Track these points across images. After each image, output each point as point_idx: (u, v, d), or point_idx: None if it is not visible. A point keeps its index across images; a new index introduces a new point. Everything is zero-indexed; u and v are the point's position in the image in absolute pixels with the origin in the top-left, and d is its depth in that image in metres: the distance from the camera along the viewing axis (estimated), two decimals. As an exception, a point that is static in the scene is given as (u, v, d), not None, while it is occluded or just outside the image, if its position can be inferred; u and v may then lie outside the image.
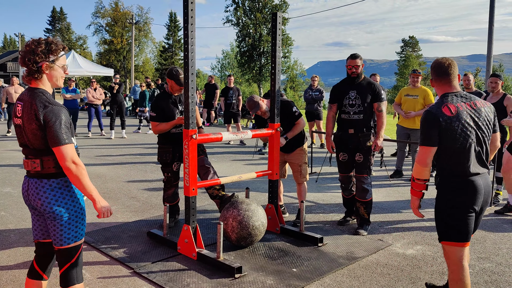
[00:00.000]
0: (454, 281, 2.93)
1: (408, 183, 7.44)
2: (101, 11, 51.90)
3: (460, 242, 2.89)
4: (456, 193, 2.88)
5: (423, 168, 2.91)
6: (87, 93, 13.10)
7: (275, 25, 4.71)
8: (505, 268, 4.02)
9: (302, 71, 51.75)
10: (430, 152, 2.86)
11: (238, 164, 9.14)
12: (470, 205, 2.87)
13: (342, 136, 5.04)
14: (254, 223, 4.25)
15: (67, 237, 2.63)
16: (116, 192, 6.63)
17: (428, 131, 2.84)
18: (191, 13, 3.86)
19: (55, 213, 2.59)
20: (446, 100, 2.89)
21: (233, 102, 11.90)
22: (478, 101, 2.95)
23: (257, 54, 32.39)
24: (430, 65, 3.09)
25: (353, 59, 4.95)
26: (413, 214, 5.64)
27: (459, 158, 2.86)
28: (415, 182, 3.00)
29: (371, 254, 4.30)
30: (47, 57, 2.59)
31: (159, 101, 4.84)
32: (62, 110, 2.55)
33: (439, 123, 2.81)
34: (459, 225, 2.88)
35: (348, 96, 4.96)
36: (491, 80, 6.20)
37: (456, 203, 2.87)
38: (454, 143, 2.83)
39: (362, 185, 4.96)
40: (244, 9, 32.12)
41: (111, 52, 51.49)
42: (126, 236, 4.72)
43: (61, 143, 2.48)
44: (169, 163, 4.92)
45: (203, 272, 3.83)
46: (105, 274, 3.80)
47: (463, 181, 2.87)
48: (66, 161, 2.47)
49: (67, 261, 2.68)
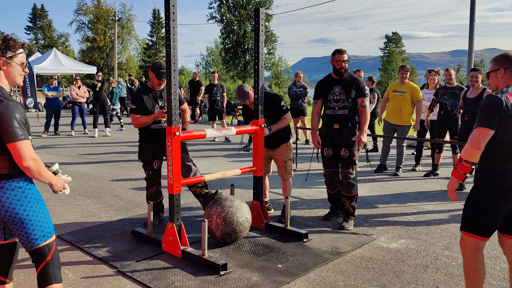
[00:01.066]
0: (470, 270, 2.93)
1: (392, 178, 7.50)
2: (83, 8, 51.22)
3: (482, 237, 2.88)
4: (496, 189, 2.81)
5: (475, 150, 2.75)
6: (71, 91, 12.94)
7: (258, 21, 4.70)
8: (487, 260, 4.06)
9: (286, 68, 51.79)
10: (486, 135, 2.72)
11: (223, 161, 9.11)
12: (506, 207, 2.82)
13: (327, 132, 5.05)
14: (238, 219, 4.24)
15: (35, 238, 2.55)
16: (99, 191, 6.56)
17: (489, 114, 2.72)
18: (172, 9, 3.82)
19: (12, 216, 2.49)
20: (510, 90, 2.82)
21: (218, 99, 11.85)
22: None
23: (241, 51, 32.36)
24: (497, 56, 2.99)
25: (341, 54, 4.97)
26: (397, 208, 5.69)
27: (509, 151, 2.77)
28: (462, 163, 2.85)
29: (356, 249, 4.33)
30: (4, 53, 2.52)
31: (139, 94, 4.79)
32: (17, 106, 2.46)
33: (502, 108, 2.71)
34: (487, 223, 2.84)
35: (333, 92, 4.97)
36: (471, 74, 6.28)
37: (492, 203, 2.81)
38: (508, 132, 2.74)
39: (348, 180, 4.97)
40: (228, 5, 32.04)
41: (94, 49, 50.88)
42: (109, 235, 4.67)
43: (17, 138, 2.38)
44: (149, 161, 4.87)
45: (188, 270, 3.80)
46: (88, 274, 3.76)
47: (505, 180, 2.78)
48: (25, 158, 2.38)
49: (42, 260, 2.62)
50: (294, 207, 5.70)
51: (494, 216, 2.83)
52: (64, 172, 3.01)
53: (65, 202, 5.95)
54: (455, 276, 3.73)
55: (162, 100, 4.86)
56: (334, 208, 5.30)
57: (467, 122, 6.47)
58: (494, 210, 2.82)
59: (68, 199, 6.09)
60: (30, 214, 2.53)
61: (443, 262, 4.02)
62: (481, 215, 2.85)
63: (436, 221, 5.21)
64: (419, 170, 8.14)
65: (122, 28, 51.10)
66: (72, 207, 5.72)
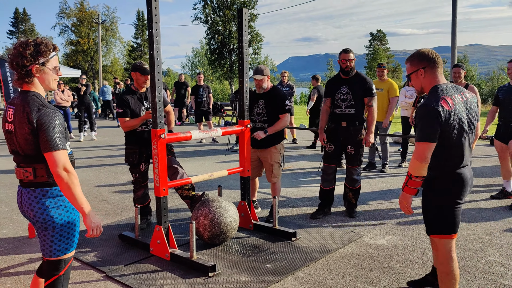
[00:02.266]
0: (444, 273, 2.91)
1: (378, 175, 7.56)
2: (66, 11, 50.68)
3: (449, 234, 2.87)
4: (446, 187, 2.82)
5: (422, 165, 2.72)
6: (55, 95, 12.77)
7: (241, 22, 4.70)
8: (472, 253, 4.13)
9: (273, 67, 51.82)
10: (430, 147, 2.70)
11: (210, 162, 9.10)
12: (459, 197, 2.83)
13: (333, 128, 5.21)
14: (226, 219, 4.25)
15: (57, 248, 2.52)
16: (86, 195, 6.50)
17: (430, 127, 2.67)
18: (155, 11, 3.81)
19: (46, 224, 2.46)
20: (442, 93, 2.73)
21: (204, 100, 11.83)
22: (466, 91, 2.88)
23: (227, 51, 32.27)
24: (412, 56, 2.90)
25: (346, 53, 5.12)
26: (384, 205, 5.74)
27: (454, 152, 2.77)
28: (413, 179, 2.80)
29: (344, 246, 4.36)
30: (36, 60, 2.45)
31: (124, 97, 4.76)
32: (56, 114, 2.42)
33: (440, 118, 2.65)
34: (448, 218, 2.84)
35: (340, 91, 5.12)
36: (454, 70, 6.36)
37: (446, 196, 2.83)
38: (451, 138, 2.72)
39: (352, 176, 5.23)
40: (212, 6, 31.93)
41: (78, 53, 50.38)
42: (97, 240, 4.64)
43: (54, 148, 2.34)
44: (136, 164, 4.85)
45: (177, 273, 3.80)
46: (76, 279, 3.73)
47: (454, 174, 2.80)
48: (58, 167, 2.32)
49: (54, 273, 2.57)
50: (282, 206, 5.72)
51: (453, 208, 2.83)
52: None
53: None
54: (441, 270, 3.78)
55: (147, 101, 4.84)
56: (323, 206, 5.34)
57: None
58: (452, 201, 2.82)
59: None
60: (63, 224, 2.50)
61: (429, 257, 4.06)
62: (441, 210, 2.84)
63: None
64: (405, 166, 8.22)
65: (106, 30, 50.68)
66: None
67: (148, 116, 4.59)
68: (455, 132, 2.71)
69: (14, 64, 2.43)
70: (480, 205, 5.67)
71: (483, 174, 7.49)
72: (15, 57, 2.43)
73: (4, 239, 4.72)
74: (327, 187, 5.31)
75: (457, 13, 17.09)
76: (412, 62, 2.87)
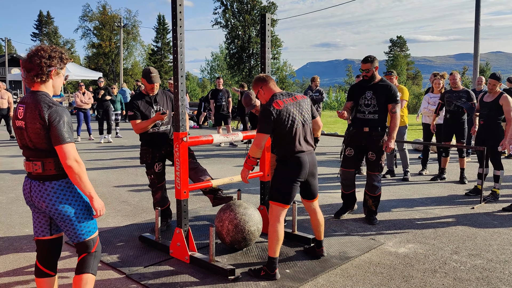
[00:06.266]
0: (271, 232, 3.70)
1: (398, 182, 7.48)
2: (88, 15, 51.62)
3: (283, 204, 3.72)
4: (287, 167, 3.72)
5: (258, 149, 3.68)
6: (75, 97, 12.95)
7: (264, 27, 4.72)
8: (496, 264, 4.05)
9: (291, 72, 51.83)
10: (264, 138, 3.64)
11: (229, 166, 9.12)
12: (296, 177, 3.72)
13: (355, 133, 5.20)
14: (250, 228, 4.23)
15: (81, 233, 2.76)
16: (106, 196, 6.58)
17: (264, 122, 3.62)
18: (179, 15, 3.85)
19: (61, 213, 2.68)
20: (275, 98, 3.72)
21: (223, 104, 11.88)
22: (297, 95, 3.85)
23: (246, 56, 32.41)
24: (253, 83, 3.94)
25: (364, 63, 5.17)
26: (404, 213, 5.68)
27: (289, 140, 3.68)
28: (250, 159, 3.76)
29: (364, 254, 4.31)
30: (59, 64, 2.74)
31: (134, 100, 4.87)
32: (65, 111, 2.66)
33: (272, 115, 3.61)
34: (286, 192, 3.71)
35: (364, 96, 5.12)
36: (489, 81, 6.32)
37: (286, 175, 3.72)
38: (284, 128, 3.65)
39: (373, 182, 5.19)
40: (232, 11, 32.10)
41: (100, 55, 51.20)
42: (117, 241, 4.68)
43: (64, 141, 2.57)
44: (150, 164, 4.90)
45: (196, 275, 3.81)
46: (96, 279, 3.76)
47: (292, 157, 3.70)
48: (69, 159, 2.55)
49: (87, 251, 2.83)
50: (301, 212, 5.70)
51: (291, 185, 3.71)
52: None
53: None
54: (464, 280, 3.72)
55: (157, 104, 4.92)
56: (346, 206, 5.39)
57: (481, 126, 6.45)
58: (290, 179, 3.71)
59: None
60: (78, 212, 2.73)
61: (452, 267, 4.00)
62: (282, 185, 3.71)
63: (444, 225, 5.19)
64: (426, 174, 8.12)
65: (127, 34, 51.41)
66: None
67: (158, 118, 4.69)
68: (287, 125, 3.65)
69: (41, 63, 2.64)
70: (504, 215, 5.56)
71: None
72: (43, 57, 2.66)
73: (26, 237, 4.80)
74: (347, 191, 5.35)
75: (480, 20, 16.85)
76: (254, 86, 3.93)
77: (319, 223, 4.14)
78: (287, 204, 3.73)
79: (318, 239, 4.19)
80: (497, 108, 6.19)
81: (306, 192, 4.02)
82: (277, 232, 3.69)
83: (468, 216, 5.54)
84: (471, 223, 5.27)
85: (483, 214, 5.62)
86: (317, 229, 4.16)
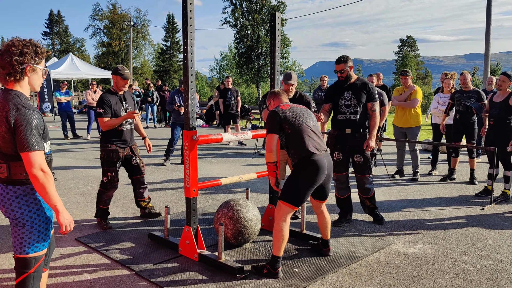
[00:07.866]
0: (276, 230, 3.72)
1: (408, 182, 7.45)
2: (98, 14, 51.88)
3: (293, 206, 3.70)
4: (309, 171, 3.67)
5: (270, 153, 3.75)
6: (86, 95, 13.04)
7: (274, 26, 4.72)
8: (506, 265, 4.02)
9: (300, 72, 51.76)
10: (274, 138, 3.75)
11: (237, 165, 9.14)
12: (317, 182, 3.70)
13: (338, 136, 5.07)
14: (245, 214, 4.29)
15: (27, 246, 2.53)
16: (116, 194, 6.61)
17: (271, 122, 3.77)
18: (190, 14, 3.87)
19: (17, 220, 2.50)
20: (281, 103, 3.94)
21: (232, 103, 11.90)
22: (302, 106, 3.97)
23: (255, 55, 32.37)
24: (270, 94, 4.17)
25: (337, 64, 5.00)
26: (414, 213, 5.66)
27: (299, 138, 3.71)
28: (268, 165, 3.82)
29: (373, 253, 4.31)
30: (33, 60, 2.51)
31: (106, 97, 4.93)
32: (34, 115, 2.43)
33: (278, 115, 3.76)
34: (300, 195, 3.68)
35: (344, 97, 4.99)
36: (500, 78, 6.25)
37: (306, 179, 3.67)
38: (292, 125, 3.75)
39: (365, 185, 5.11)
40: (242, 10, 32.10)
41: (109, 54, 51.45)
42: (127, 238, 4.72)
43: (30, 149, 2.35)
44: (115, 162, 4.97)
45: (205, 273, 3.82)
46: (106, 276, 3.80)
47: (311, 161, 3.66)
48: (34, 168, 2.34)
49: (24, 271, 2.56)
50: (309, 211, 5.69)
51: (308, 189, 3.69)
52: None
53: (83, 205, 6.03)
54: (473, 281, 3.70)
55: (126, 102, 5.05)
56: (344, 213, 5.26)
57: (491, 126, 6.38)
58: (311, 186, 3.69)
59: (85, 202, 6.17)
60: (33, 222, 2.52)
61: (461, 267, 3.98)
62: (298, 188, 3.67)
63: (454, 225, 5.16)
64: (436, 174, 8.07)
65: (137, 33, 51.63)
66: (90, 210, 5.78)
67: (130, 116, 4.83)
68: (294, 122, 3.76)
69: (12, 60, 2.42)
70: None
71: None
72: (13, 54, 2.43)
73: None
74: (342, 195, 5.23)
75: (491, 20, 16.72)
76: (267, 99, 4.15)
77: (326, 223, 4.16)
78: (297, 207, 3.72)
79: (325, 238, 4.21)
80: (507, 108, 6.13)
81: (319, 194, 4.01)
82: (282, 231, 3.71)
83: (478, 217, 5.50)
84: (481, 224, 5.23)
85: (493, 215, 5.58)
86: (324, 229, 4.18)
